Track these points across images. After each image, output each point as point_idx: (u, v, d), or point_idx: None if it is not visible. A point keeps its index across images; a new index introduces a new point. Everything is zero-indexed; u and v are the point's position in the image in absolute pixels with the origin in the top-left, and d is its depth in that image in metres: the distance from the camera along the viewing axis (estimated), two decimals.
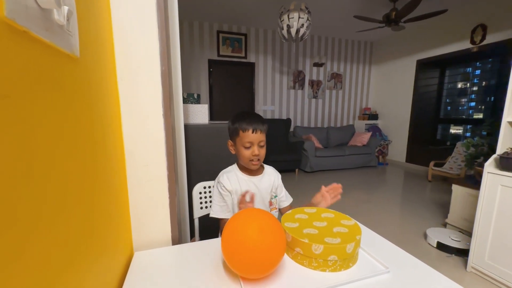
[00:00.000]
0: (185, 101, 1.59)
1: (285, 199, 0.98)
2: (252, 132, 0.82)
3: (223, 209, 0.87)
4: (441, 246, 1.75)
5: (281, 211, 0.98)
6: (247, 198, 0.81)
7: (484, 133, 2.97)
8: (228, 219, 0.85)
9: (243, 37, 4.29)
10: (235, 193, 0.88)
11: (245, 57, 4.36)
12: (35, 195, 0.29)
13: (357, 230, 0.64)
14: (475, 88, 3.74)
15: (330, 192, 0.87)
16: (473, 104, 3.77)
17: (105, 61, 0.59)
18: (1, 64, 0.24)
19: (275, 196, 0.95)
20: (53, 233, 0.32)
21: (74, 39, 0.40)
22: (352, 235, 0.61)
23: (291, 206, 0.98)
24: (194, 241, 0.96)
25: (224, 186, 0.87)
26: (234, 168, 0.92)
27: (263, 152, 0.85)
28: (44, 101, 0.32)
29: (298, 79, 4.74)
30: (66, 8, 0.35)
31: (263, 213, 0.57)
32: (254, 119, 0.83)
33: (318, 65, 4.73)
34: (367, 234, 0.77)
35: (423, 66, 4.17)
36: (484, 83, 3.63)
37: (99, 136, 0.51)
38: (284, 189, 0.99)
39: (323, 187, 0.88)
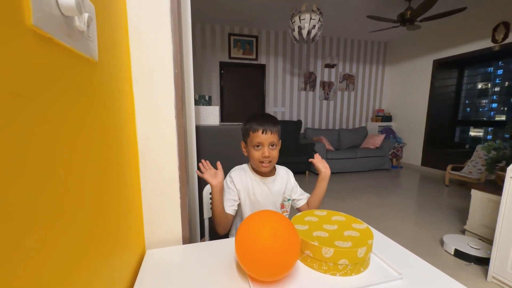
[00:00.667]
0: (196, 103, 1.62)
1: (302, 197, 0.96)
2: (262, 133, 0.81)
3: (225, 203, 0.86)
4: (459, 254, 1.67)
5: (301, 209, 0.96)
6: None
7: (507, 135, 2.83)
8: (227, 213, 0.84)
9: (254, 39, 4.31)
10: (246, 191, 0.88)
11: (256, 59, 4.38)
12: (52, 193, 0.31)
13: (369, 234, 0.62)
14: (497, 89, 3.56)
15: (320, 161, 0.94)
16: (494, 105, 3.59)
17: (122, 64, 0.61)
18: (28, 69, 0.26)
19: (288, 200, 0.94)
20: (68, 230, 0.34)
21: (93, 44, 0.42)
22: (363, 239, 0.59)
23: (308, 204, 0.95)
24: (204, 241, 0.97)
25: (233, 181, 0.87)
26: (246, 167, 0.92)
27: (274, 153, 0.84)
28: (65, 103, 0.34)
29: (309, 81, 4.70)
30: (86, 15, 0.37)
31: (278, 216, 0.56)
32: (265, 119, 0.82)
33: (329, 66, 4.67)
34: (380, 239, 0.75)
35: (440, 66, 4.02)
36: (507, 83, 3.45)
37: (114, 136, 0.53)
38: (298, 188, 0.97)
39: (314, 161, 0.95)
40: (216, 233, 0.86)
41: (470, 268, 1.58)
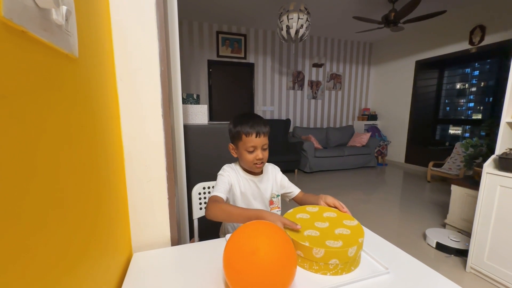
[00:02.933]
0: (184, 101, 1.59)
1: (293, 190, 0.96)
2: (256, 136, 0.80)
3: (222, 189, 0.82)
4: (440, 247, 1.75)
5: (296, 200, 0.96)
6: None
7: (483, 133, 2.98)
8: (219, 196, 0.78)
9: (242, 38, 4.29)
10: (238, 187, 0.87)
11: (245, 58, 4.36)
12: (35, 197, 0.29)
13: (360, 232, 0.63)
14: (473, 89, 3.75)
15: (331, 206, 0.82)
16: (471, 104, 3.78)
17: (104, 61, 0.58)
18: None
19: (277, 196, 0.94)
20: (54, 235, 0.32)
21: (73, 39, 0.40)
22: (354, 238, 0.60)
23: (301, 199, 0.94)
24: (194, 241, 0.96)
25: (229, 175, 0.86)
26: (236, 166, 0.92)
27: (266, 154, 0.84)
28: (43, 102, 0.32)
29: (297, 80, 4.74)
30: (64, 8, 0.35)
31: (275, 229, 0.52)
32: (256, 122, 0.81)
33: (317, 65, 4.73)
34: (367, 235, 0.77)
35: (422, 66, 4.19)
36: (482, 83, 3.64)
37: (98, 137, 0.51)
38: (286, 180, 0.98)
39: (325, 202, 0.82)
40: (205, 233, 0.85)
41: (450, 260, 1.66)
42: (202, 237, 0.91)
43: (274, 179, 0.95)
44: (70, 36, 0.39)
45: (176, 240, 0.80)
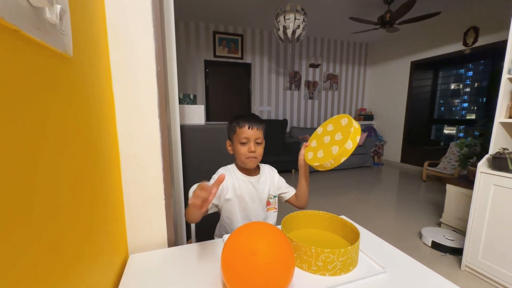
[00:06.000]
0: (181, 101, 1.58)
1: (288, 190, 0.97)
2: (249, 128, 0.83)
3: None
4: (435, 245, 1.77)
5: (290, 201, 0.97)
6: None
7: (477, 133, 3.02)
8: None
9: (239, 38, 4.29)
10: (233, 189, 0.87)
11: (242, 58, 4.36)
12: (27, 199, 0.28)
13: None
14: (467, 89, 3.80)
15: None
16: (465, 105, 3.83)
17: (100, 61, 0.58)
18: None
19: (274, 196, 0.94)
20: (47, 238, 0.31)
21: (67, 38, 0.39)
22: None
23: (296, 196, 0.96)
24: (191, 243, 0.95)
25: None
26: (232, 167, 0.92)
27: (260, 149, 0.85)
28: (36, 101, 0.31)
29: (294, 80, 4.75)
30: (58, 6, 0.35)
31: (274, 230, 0.52)
32: (251, 117, 0.85)
33: (314, 66, 4.75)
34: (364, 235, 0.77)
35: (417, 67, 4.23)
36: (476, 84, 3.69)
37: (93, 137, 0.50)
38: (283, 182, 0.98)
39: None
40: (202, 235, 0.85)
41: (445, 258, 1.68)
42: (199, 238, 0.90)
43: (272, 181, 0.95)
44: (64, 35, 0.38)
45: (173, 241, 0.79)
